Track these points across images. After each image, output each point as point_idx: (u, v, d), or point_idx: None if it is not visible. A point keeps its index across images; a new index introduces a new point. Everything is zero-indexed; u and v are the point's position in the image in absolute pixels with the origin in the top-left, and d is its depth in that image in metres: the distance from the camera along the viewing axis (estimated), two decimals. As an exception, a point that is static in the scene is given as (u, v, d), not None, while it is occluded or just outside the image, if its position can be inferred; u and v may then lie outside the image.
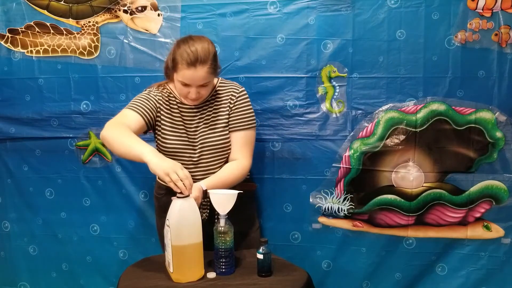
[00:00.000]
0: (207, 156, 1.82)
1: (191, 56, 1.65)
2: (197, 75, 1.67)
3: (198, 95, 1.74)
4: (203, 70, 1.67)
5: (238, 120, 1.84)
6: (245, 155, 1.84)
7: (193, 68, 1.66)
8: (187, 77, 1.68)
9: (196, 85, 1.71)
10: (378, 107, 2.13)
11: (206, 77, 1.70)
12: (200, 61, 1.66)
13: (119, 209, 2.35)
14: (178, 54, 1.68)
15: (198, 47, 1.67)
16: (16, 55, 2.31)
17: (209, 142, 1.81)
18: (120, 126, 1.68)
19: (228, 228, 1.53)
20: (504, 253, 2.13)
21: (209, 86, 1.76)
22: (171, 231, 1.47)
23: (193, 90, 1.72)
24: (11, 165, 2.41)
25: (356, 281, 2.25)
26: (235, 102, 1.84)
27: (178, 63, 1.68)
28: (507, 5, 2.00)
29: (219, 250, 1.53)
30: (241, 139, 1.84)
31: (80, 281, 2.44)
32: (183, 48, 1.68)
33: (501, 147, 2.08)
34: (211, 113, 1.84)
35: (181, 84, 1.72)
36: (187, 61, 1.65)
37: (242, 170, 1.81)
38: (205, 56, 1.67)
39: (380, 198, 2.16)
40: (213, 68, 1.71)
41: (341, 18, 2.09)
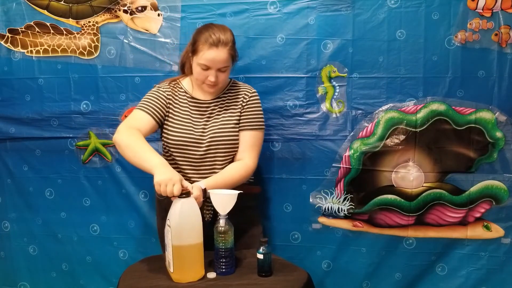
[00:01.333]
0: (214, 153, 1.82)
1: (213, 37, 1.71)
2: (218, 55, 1.71)
3: (216, 80, 1.76)
4: (224, 52, 1.71)
5: (248, 119, 1.85)
6: (251, 156, 1.83)
7: (215, 48, 1.70)
8: (209, 57, 1.71)
9: (216, 68, 1.73)
10: (378, 107, 2.13)
11: (226, 60, 1.74)
12: (222, 43, 1.71)
13: (119, 209, 2.35)
14: (200, 37, 1.73)
15: (220, 31, 1.73)
16: (16, 55, 2.31)
17: (218, 138, 1.81)
18: (133, 133, 1.70)
19: (228, 228, 1.53)
20: (504, 253, 2.13)
21: (227, 72, 1.79)
22: (172, 231, 1.47)
23: (212, 73, 1.74)
24: (11, 165, 2.41)
25: (356, 281, 2.25)
26: (247, 101, 1.86)
27: (200, 44, 1.72)
28: (507, 5, 2.00)
29: (219, 250, 1.53)
30: (249, 139, 1.84)
31: (80, 281, 2.44)
32: (205, 32, 1.74)
33: (501, 147, 2.08)
34: (222, 110, 1.85)
35: (201, 67, 1.74)
36: (210, 42, 1.70)
37: (245, 170, 1.81)
38: (227, 39, 1.72)
39: (380, 198, 2.16)
40: (233, 52, 1.77)
41: (341, 18, 2.09)
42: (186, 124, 1.83)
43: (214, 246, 1.55)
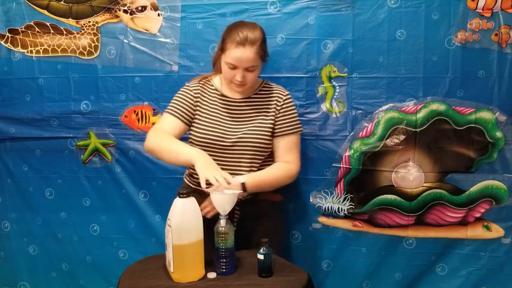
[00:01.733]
0: (241, 154, 1.78)
1: (240, 36, 1.67)
2: (245, 55, 1.68)
3: (244, 79, 1.72)
4: (251, 51, 1.68)
5: (285, 125, 1.82)
6: (293, 159, 1.82)
7: (242, 48, 1.67)
8: (235, 56, 1.68)
9: (243, 67, 1.70)
10: (378, 107, 2.13)
11: (253, 59, 1.70)
12: (249, 42, 1.67)
13: (119, 209, 2.35)
14: (228, 35, 1.71)
15: (249, 29, 1.69)
16: (16, 55, 2.31)
17: (246, 140, 1.78)
18: (160, 134, 1.73)
19: (229, 228, 1.53)
20: (504, 253, 2.13)
21: (255, 72, 1.75)
22: (172, 231, 1.47)
23: (239, 73, 1.71)
24: (11, 165, 2.40)
25: (356, 281, 2.25)
26: (282, 106, 1.83)
27: (227, 43, 1.69)
28: (507, 5, 2.00)
29: (220, 250, 1.53)
30: (288, 144, 1.82)
31: (80, 281, 2.44)
32: (233, 30, 1.71)
33: (501, 147, 2.08)
34: (253, 112, 1.82)
35: (228, 66, 1.72)
36: (236, 40, 1.67)
37: (287, 172, 1.80)
38: (255, 37, 1.68)
39: (380, 198, 2.16)
40: (262, 52, 1.72)
41: (341, 18, 2.09)
42: (213, 123, 1.80)
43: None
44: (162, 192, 2.27)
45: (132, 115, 2.27)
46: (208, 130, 1.79)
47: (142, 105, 2.26)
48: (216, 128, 1.79)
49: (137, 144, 2.29)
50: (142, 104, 2.26)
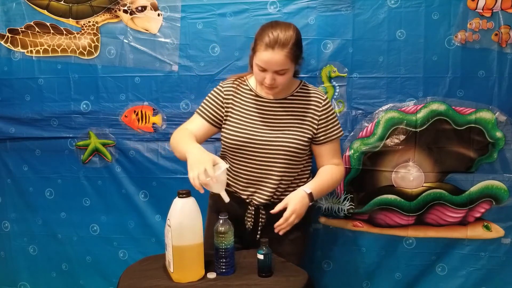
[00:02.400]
0: (274, 158, 1.72)
1: (270, 38, 1.59)
2: (274, 58, 1.59)
3: (273, 82, 1.63)
4: (281, 54, 1.59)
5: (328, 133, 1.76)
6: (339, 162, 1.81)
7: (271, 50, 1.58)
8: (264, 59, 1.60)
9: (272, 70, 1.61)
10: (378, 107, 2.13)
11: (283, 63, 1.61)
12: (279, 44, 1.58)
13: (119, 209, 2.35)
14: (259, 35, 1.63)
15: (281, 30, 1.60)
16: (16, 55, 2.31)
17: (279, 145, 1.71)
18: (180, 133, 1.73)
19: (228, 228, 1.53)
20: (504, 253, 2.13)
21: (287, 75, 1.65)
22: (172, 231, 1.47)
23: (268, 76, 1.62)
24: (11, 165, 2.41)
25: (356, 281, 2.25)
26: (322, 112, 1.74)
27: (258, 43, 1.62)
28: (507, 5, 2.00)
29: (219, 250, 1.53)
30: (333, 149, 1.78)
31: (80, 281, 2.45)
32: (266, 30, 1.62)
33: (501, 147, 2.08)
34: (289, 115, 1.74)
35: (258, 68, 1.64)
36: (266, 42, 1.59)
37: (341, 174, 1.81)
38: (286, 40, 1.59)
39: (380, 198, 2.16)
40: (293, 55, 1.62)
41: (341, 18, 2.09)
42: (245, 124, 1.74)
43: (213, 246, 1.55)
44: (162, 192, 2.27)
45: (132, 115, 2.27)
46: (239, 132, 1.73)
47: (142, 105, 2.26)
48: (248, 129, 1.73)
49: (137, 144, 2.29)
50: (142, 104, 2.26)
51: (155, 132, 2.27)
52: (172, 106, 2.24)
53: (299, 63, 1.73)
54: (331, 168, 1.78)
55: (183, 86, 2.22)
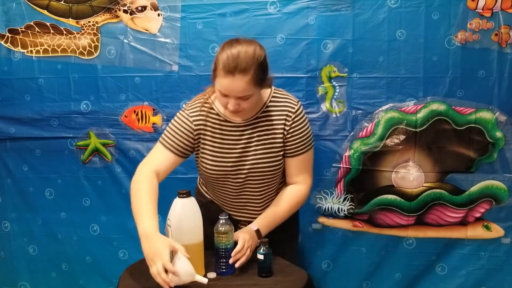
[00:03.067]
0: (255, 182, 1.66)
1: (230, 62, 1.43)
2: (235, 85, 1.45)
3: (237, 107, 1.50)
4: (242, 81, 1.44)
5: (297, 145, 1.65)
6: (306, 179, 1.70)
7: (231, 77, 1.44)
8: (224, 86, 1.46)
9: (234, 97, 1.48)
10: (378, 107, 2.13)
11: (246, 89, 1.46)
12: (240, 70, 1.43)
13: (119, 209, 2.35)
14: (219, 59, 1.47)
15: (242, 52, 1.44)
16: (16, 55, 2.31)
17: (260, 167, 1.63)
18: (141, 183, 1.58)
19: (228, 228, 1.53)
20: (504, 253, 2.13)
21: (252, 99, 1.51)
22: (172, 231, 1.47)
23: (231, 102, 1.49)
24: (11, 165, 2.41)
25: (356, 281, 2.26)
26: (291, 125, 1.62)
27: (218, 68, 1.47)
28: (507, 5, 2.00)
29: (219, 250, 1.53)
30: (300, 163, 1.67)
31: (80, 281, 2.45)
32: (225, 52, 1.46)
33: (501, 147, 2.08)
34: (263, 134, 1.63)
35: (220, 93, 1.50)
36: (225, 68, 1.43)
37: (300, 197, 1.70)
38: (247, 64, 1.43)
39: (380, 198, 2.16)
40: (256, 80, 1.46)
41: (341, 18, 2.09)
42: (222, 153, 1.63)
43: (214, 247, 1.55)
44: (162, 192, 2.26)
45: (132, 115, 2.27)
46: (215, 161, 1.64)
47: (142, 105, 2.26)
48: (225, 159, 1.63)
49: (137, 144, 2.29)
50: (142, 104, 2.26)
51: (155, 132, 2.27)
52: (172, 106, 2.24)
53: (265, 86, 1.57)
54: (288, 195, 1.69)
55: (183, 86, 2.22)
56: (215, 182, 1.69)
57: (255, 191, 1.70)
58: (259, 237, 1.61)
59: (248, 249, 1.56)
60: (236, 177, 1.66)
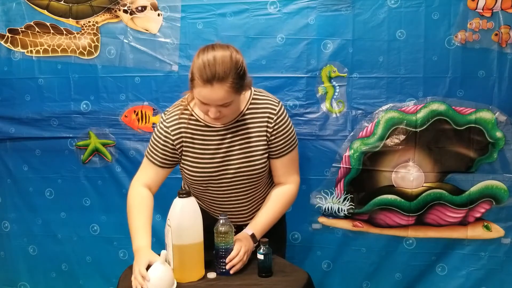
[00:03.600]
0: (241, 186, 1.66)
1: (207, 71, 1.41)
2: (214, 94, 1.43)
3: (218, 115, 1.49)
4: (221, 89, 1.42)
5: (281, 146, 1.64)
6: (292, 177, 1.70)
7: (210, 86, 1.42)
8: (203, 95, 1.44)
9: (214, 105, 1.46)
10: (378, 107, 2.13)
11: (225, 97, 1.44)
12: (217, 78, 1.41)
13: (119, 209, 2.34)
14: (195, 68, 1.44)
15: (218, 60, 1.42)
16: (16, 55, 2.31)
17: (244, 170, 1.62)
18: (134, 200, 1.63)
19: (228, 229, 1.53)
20: (504, 253, 2.13)
21: (232, 105, 1.50)
22: (172, 231, 1.47)
23: (212, 110, 1.47)
24: (11, 165, 2.40)
25: (356, 281, 2.25)
26: (273, 126, 1.61)
27: (195, 78, 1.44)
28: (507, 5, 2.00)
29: (220, 250, 1.53)
30: (286, 163, 1.67)
31: (79, 281, 2.44)
32: (201, 60, 1.43)
33: (501, 147, 2.08)
34: (245, 137, 1.62)
35: (199, 102, 1.48)
36: (204, 78, 1.41)
37: (289, 196, 1.70)
38: (224, 72, 1.41)
39: (380, 198, 2.16)
40: (235, 88, 1.45)
41: (341, 18, 2.09)
42: (203, 159, 1.62)
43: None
44: (162, 192, 2.25)
45: (132, 115, 2.27)
46: (197, 167, 1.63)
47: (142, 105, 2.26)
48: (205, 163, 1.62)
49: (137, 144, 2.29)
50: (142, 104, 2.26)
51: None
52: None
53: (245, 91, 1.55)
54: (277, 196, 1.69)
55: (183, 86, 2.22)
56: (199, 187, 1.68)
57: (241, 195, 1.69)
58: (255, 242, 1.61)
59: (244, 255, 1.55)
60: (220, 182, 1.64)
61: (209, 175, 1.63)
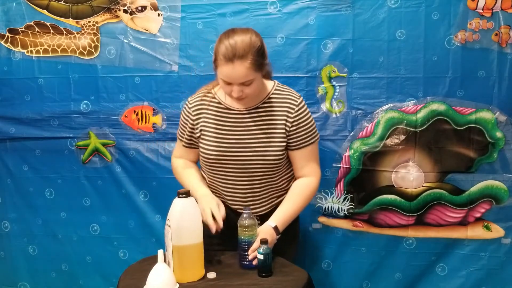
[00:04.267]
0: (253, 171, 1.68)
1: (228, 51, 1.51)
2: (235, 72, 1.52)
3: (241, 94, 1.57)
4: (242, 66, 1.51)
5: (300, 138, 1.69)
6: (313, 171, 1.73)
7: (231, 64, 1.51)
8: (225, 74, 1.54)
9: (236, 83, 1.55)
10: (378, 107, 2.13)
11: (246, 74, 1.53)
12: (238, 56, 1.51)
13: (119, 209, 2.35)
14: (218, 49, 1.55)
15: (238, 40, 1.52)
16: (16, 55, 2.31)
17: (258, 156, 1.66)
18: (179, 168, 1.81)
19: (251, 222, 1.56)
20: (504, 253, 2.13)
21: (254, 85, 1.58)
22: (172, 231, 1.47)
23: (235, 89, 1.56)
24: (11, 165, 2.41)
25: (356, 281, 2.25)
26: (294, 119, 1.67)
27: (218, 58, 1.55)
28: (507, 5, 2.00)
29: (243, 243, 1.56)
30: (307, 155, 1.71)
31: (80, 281, 2.45)
32: (223, 42, 1.54)
33: (501, 147, 2.08)
34: (263, 123, 1.68)
35: (223, 81, 1.57)
36: (224, 56, 1.52)
37: (311, 189, 1.74)
38: (244, 50, 1.51)
39: (380, 198, 2.16)
40: (255, 64, 1.53)
41: (341, 18, 2.09)
42: (219, 138, 1.68)
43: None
44: (162, 192, 2.27)
45: (132, 115, 2.27)
46: (213, 147, 1.68)
47: (142, 105, 2.26)
48: (222, 144, 1.68)
49: (137, 144, 2.29)
50: (142, 104, 2.26)
51: (155, 132, 2.27)
52: (172, 106, 2.24)
53: (266, 69, 1.64)
54: (299, 188, 1.73)
55: (183, 86, 2.22)
56: (213, 170, 1.72)
57: (255, 183, 1.71)
58: (277, 234, 1.64)
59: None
60: (234, 165, 1.68)
61: (223, 156, 1.68)
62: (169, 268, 1.45)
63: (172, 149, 2.26)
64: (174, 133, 2.23)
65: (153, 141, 2.29)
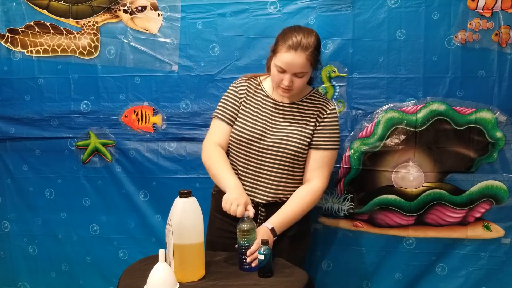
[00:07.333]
0: (273, 157, 1.75)
1: (293, 40, 1.63)
2: (295, 60, 1.63)
3: (291, 84, 1.67)
4: (302, 57, 1.63)
5: (324, 139, 1.77)
6: (321, 177, 1.77)
7: (293, 52, 1.63)
8: (285, 60, 1.64)
9: (291, 72, 1.65)
10: (378, 107, 2.13)
11: (304, 65, 1.65)
12: (302, 47, 1.62)
13: (119, 209, 2.35)
14: (282, 37, 1.67)
15: (304, 34, 1.65)
16: (16, 55, 2.31)
17: (281, 145, 1.74)
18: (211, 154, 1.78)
19: (250, 226, 1.56)
20: (504, 253, 2.13)
21: (304, 78, 1.69)
22: (173, 231, 1.47)
23: (287, 77, 1.66)
24: (11, 165, 2.41)
25: (356, 281, 2.25)
26: (324, 119, 1.78)
27: (280, 45, 1.65)
28: (507, 5, 2.00)
29: (243, 247, 1.56)
30: (321, 159, 1.77)
31: (80, 281, 2.44)
32: (288, 32, 1.67)
33: (501, 147, 2.08)
34: (295, 118, 1.78)
35: (277, 69, 1.67)
36: (289, 44, 1.63)
37: (314, 195, 1.76)
38: (308, 43, 1.63)
39: (380, 198, 2.16)
40: (314, 59, 1.67)
41: (341, 18, 2.09)
42: (253, 123, 1.77)
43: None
44: (162, 192, 2.27)
45: (132, 115, 2.27)
46: (246, 129, 1.77)
47: (142, 105, 2.26)
48: (254, 129, 1.76)
49: (137, 144, 2.29)
50: (142, 104, 2.26)
51: (155, 132, 2.27)
52: (172, 106, 2.24)
53: (317, 69, 1.78)
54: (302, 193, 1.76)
55: (183, 86, 2.23)
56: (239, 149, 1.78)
57: (273, 171, 1.76)
58: (274, 235, 1.66)
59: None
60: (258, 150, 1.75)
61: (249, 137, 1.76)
62: (170, 268, 1.45)
63: (172, 149, 2.26)
64: (174, 133, 2.25)
65: (153, 141, 2.29)
